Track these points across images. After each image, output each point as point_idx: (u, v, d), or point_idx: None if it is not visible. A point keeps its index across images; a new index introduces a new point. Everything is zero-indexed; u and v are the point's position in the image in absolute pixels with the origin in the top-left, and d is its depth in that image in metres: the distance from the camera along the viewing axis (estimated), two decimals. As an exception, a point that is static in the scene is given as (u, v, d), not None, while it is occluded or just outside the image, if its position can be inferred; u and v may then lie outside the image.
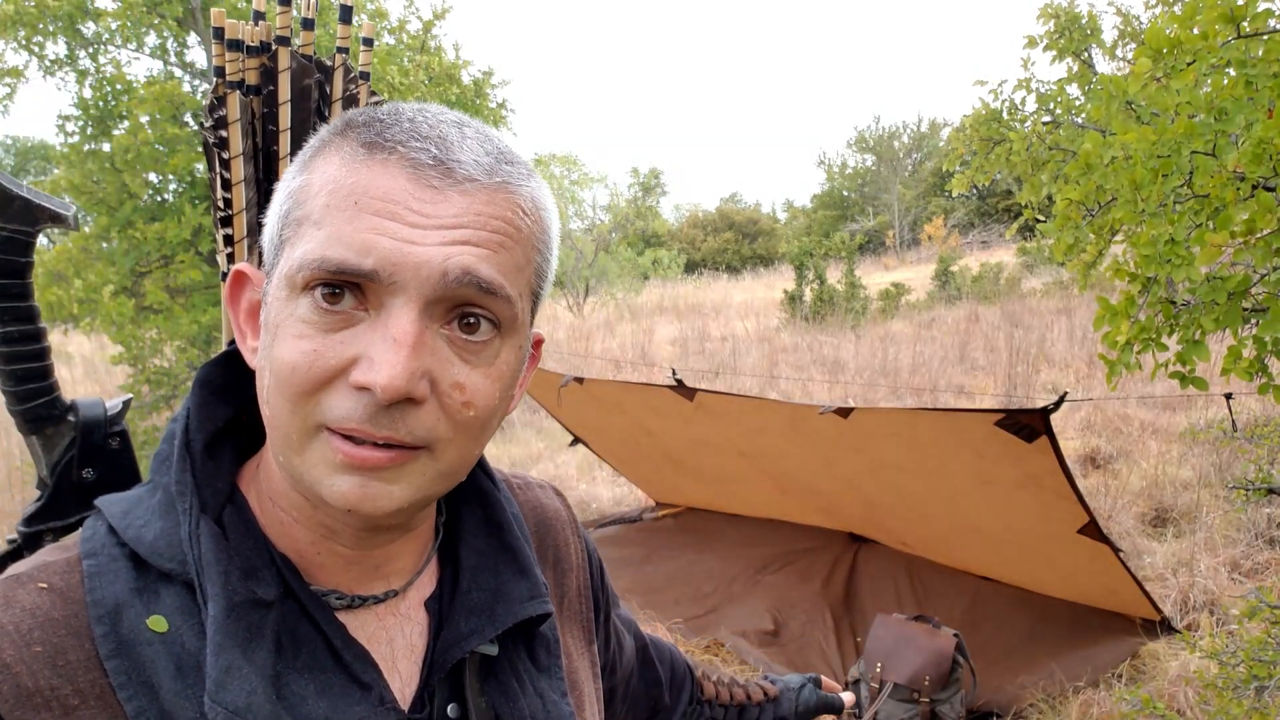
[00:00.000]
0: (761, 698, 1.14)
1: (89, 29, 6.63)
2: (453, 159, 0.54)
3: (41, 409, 0.68)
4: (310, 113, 0.84)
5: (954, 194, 5.92)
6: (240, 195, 0.78)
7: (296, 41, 0.85)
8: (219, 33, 0.82)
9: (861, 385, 8.13)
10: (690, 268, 27.43)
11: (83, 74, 6.63)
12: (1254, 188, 1.85)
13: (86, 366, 11.44)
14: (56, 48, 6.59)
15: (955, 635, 3.10)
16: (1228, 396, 2.77)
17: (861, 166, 35.65)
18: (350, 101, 0.85)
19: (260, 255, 0.61)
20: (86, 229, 6.74)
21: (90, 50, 6.73)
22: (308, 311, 0.52)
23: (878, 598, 3.98)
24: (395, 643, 0.63)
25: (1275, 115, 1.74)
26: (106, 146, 6.54)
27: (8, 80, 6.55)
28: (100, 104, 6.54)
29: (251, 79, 0.81)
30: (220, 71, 0.82)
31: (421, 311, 0.52)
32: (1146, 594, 3.44)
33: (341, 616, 0.60)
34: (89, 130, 6.59)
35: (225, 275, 0.72)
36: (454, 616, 0.65)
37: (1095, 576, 3.48)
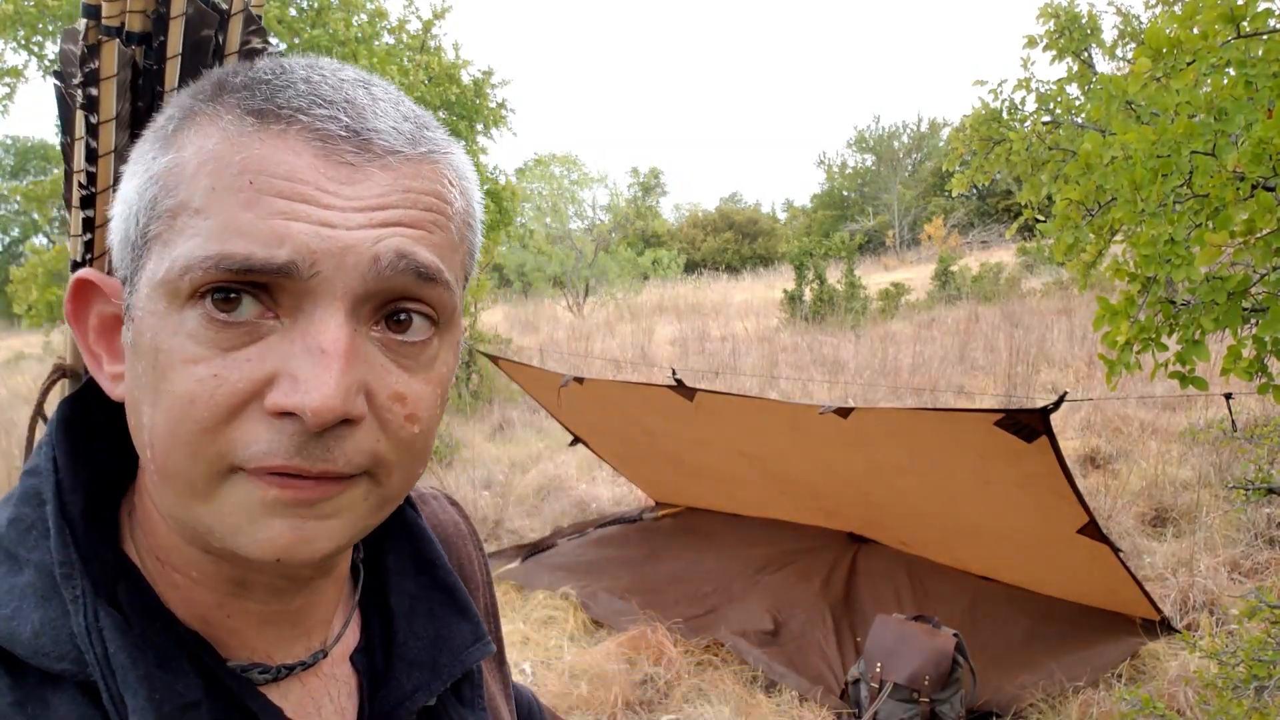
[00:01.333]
0: None
1: (89, 29, 6.64)
2: (369, 128, 0.44)
3: None
4: (203, 71, 0.66)
5: (954, 194, 5.92)
6: (108, 170, 0.62)
7: None
8: None
9: (861, 385, 8.13)
10: (690, 268, 27.44)
11: (83, 74, 6.63)
12: (1254, 187, 1.85)
13: (86, 366, 11.46)
14: (56, 47, 6.60)
15: (955, 635, 3.10)
16: (1227, 396, 2.77)
17: (861, 166, 35.69)
18: (249, 55, 0.67)
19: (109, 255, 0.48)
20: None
21: (90, 50, 6.74)
22: (198, 326, 0.41)
23: (877, 598, 3.98)
24: (323, 709, 0.55)
25: (1275, 115, 1.74)
26: (106, 146, 6.55)
27: (7, 80, 6.55)
28: (100, 104, 6.55)
29: (135, 25, 0.63)
30: (94, 12, 0.62)
31: (350, 313, 0.43)
32: (1146, 594, 3.44)
33: (266, 692, 0.51)
34: (89, 130, 6.60)
35: (78, 265, 0.61)
36: (393, 672, 0.57)
37: (1095, 576, 3.48)
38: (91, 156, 0.59)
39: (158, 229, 0.43)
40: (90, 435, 0.51)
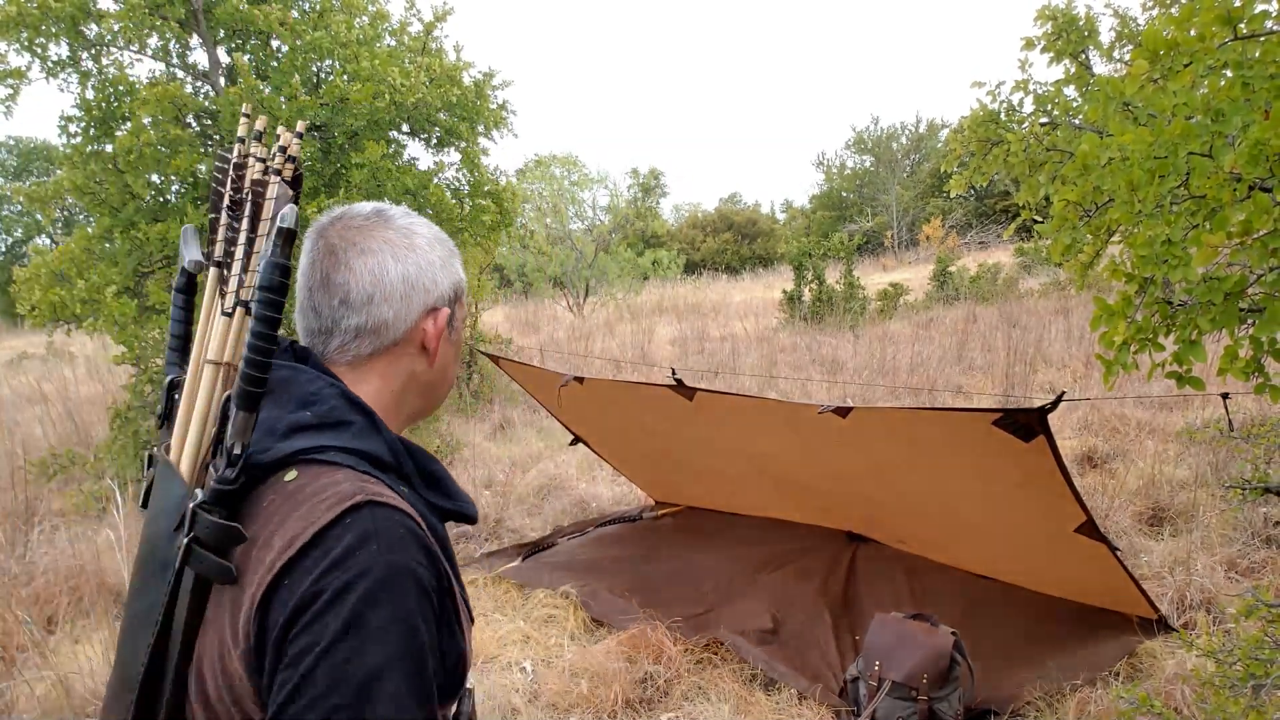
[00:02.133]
0: None
1: (91, 30, 6.62)
2: None
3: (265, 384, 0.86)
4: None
5: (952, 195, 5.93)
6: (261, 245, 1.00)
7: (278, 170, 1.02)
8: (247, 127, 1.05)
9: (860, 385, 8.15)
10: (690, 268, 27.44)
11: (85, 75, 6.62)
12: (1250, 188, 1.86)
13: (89, 366, 11.44)
14: (59, 49, 6.58)
15: (953, 633, 3.11)
16: (1224, 396, 2.79)
17: (860, 167, 35.68)
18: (292, 183, 1.03)
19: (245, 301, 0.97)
20: (90, 229, 6.75)
21: (93, 52, 6.72)
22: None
23: (876, 596, 3.99)
24: None
25: (1272, 117, 1.75)
26: (109, 148, 6.53)
27: (10, 82, 6.54)
28: (103, 105, 6.52)
29: (288, 174, 1.01)
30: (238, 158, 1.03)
31: None
32: (1144, 592, 3.46)
33: None
34: (91, 131, 6.58)
35: (250, 307, 0.95)
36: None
37: (1093, 575, 3.50)
38: (251, 242, 0.98)
39: (461, 299, 1.07)
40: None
